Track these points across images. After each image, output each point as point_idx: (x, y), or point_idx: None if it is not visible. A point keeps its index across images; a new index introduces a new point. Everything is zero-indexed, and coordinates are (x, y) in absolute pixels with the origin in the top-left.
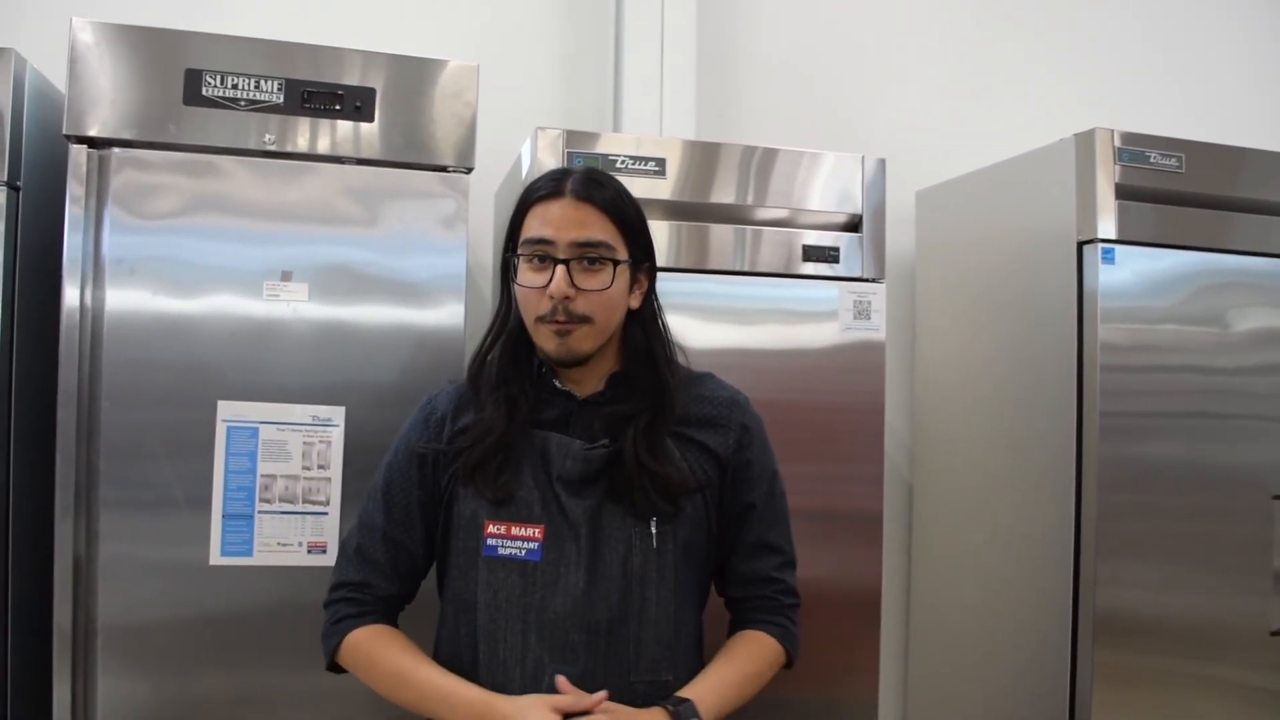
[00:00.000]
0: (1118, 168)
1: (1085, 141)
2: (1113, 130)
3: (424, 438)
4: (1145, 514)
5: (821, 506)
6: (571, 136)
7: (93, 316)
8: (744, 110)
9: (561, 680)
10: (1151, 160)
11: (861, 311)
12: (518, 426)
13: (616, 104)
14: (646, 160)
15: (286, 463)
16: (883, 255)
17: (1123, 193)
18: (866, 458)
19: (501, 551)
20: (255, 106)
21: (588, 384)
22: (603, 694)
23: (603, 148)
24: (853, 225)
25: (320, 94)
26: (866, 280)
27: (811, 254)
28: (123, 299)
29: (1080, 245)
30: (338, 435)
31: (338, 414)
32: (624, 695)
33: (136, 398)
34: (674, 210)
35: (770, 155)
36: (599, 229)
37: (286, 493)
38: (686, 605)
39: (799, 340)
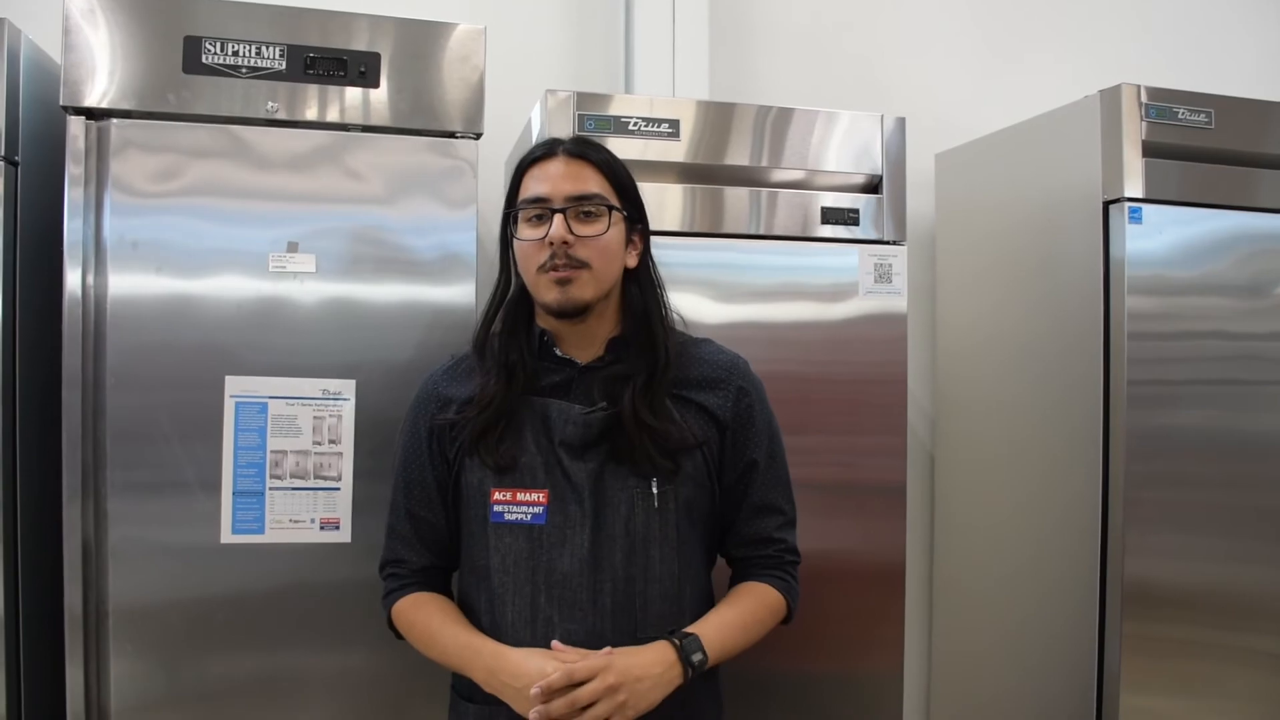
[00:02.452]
0: (1144, 124)
1: (1111, 98)
2: (1139, 86)
3: (427, 415)
4: (1174, 483)
5: (844, 479)
6: (582, 98)
7: (95, 294)
8: (758, 71)
9: (556, 644)
10: (1180, 116)
11: (883, 275)
12: (518, 395)
13: (628, 67)
14: (659, 122)
15: (297, 438)
16: (903, 217)
17: (1150, 150)
18: (889, 429)
19: (508, 517)
20: (257, 74)
21: (588, 350)
22: (607, 649)
23: (615, 109)
24: (872, 186)
25: (324, 60)
26: (887, 243)
27: (830, 216)
28: (125, 273)
29: (1106, 205)
30: (349, 409)
31: (348, 387)
32: (624, 642)
33: (142, 378)
34: (688, 173)
35: (786, 115)
36: (593, 183)
37: (297, 469)
38: (691, 563)
39: (819, 308)
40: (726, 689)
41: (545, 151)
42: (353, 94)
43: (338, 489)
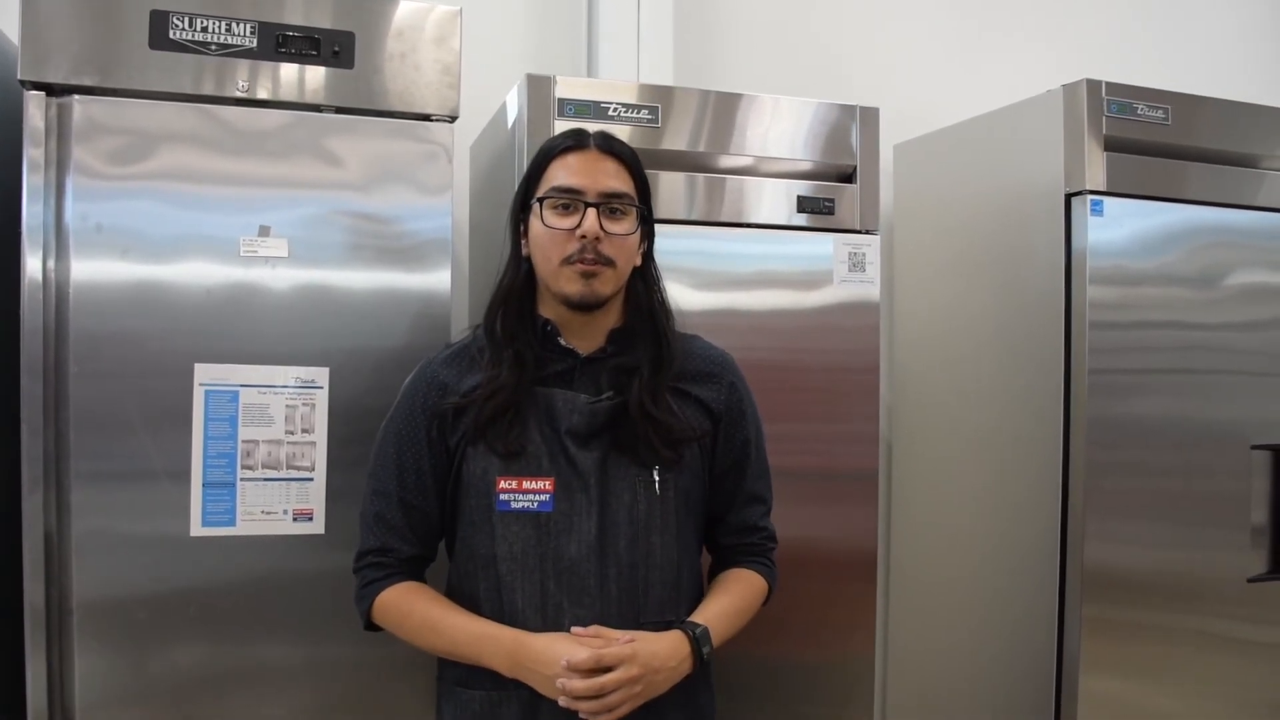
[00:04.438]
0: (1105, 119)
1: (1073, 93)
2: (1102, 81)
3: (427, 402)
4: (1132, 470)
5: (819, 466)
6: (563, 83)
7: (57, 279)
8: (719, 59)
9: (575, 629)
10: (1139, 112)
11: (856, 263)
12: (524, 384)
13: (590, 52)
14: (639, 108)
15: (269, 427)
16: (876, 206)
17: (1111, 144)
18: (862, 416)
19: (514, 505)
20: (227, 51)
21: (589, 341)
22: (630, 634)
23: (595, 94)
24: (846, 175)
25: (296, 38)
26: (861, 232)
27: (806, 205)
28: (89, 258)
29: (1069, 197)
30: (322, 397)
31: (322, 375)
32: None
33: (107, 365)
34: (668, 160)
35: (763, 103)
36: (622, 181)
37: (270, 459)
38: (688, 550)
39: (794, 296)
40: None
41: (576, 142)
42: (326, 74)
43: (311, 479)
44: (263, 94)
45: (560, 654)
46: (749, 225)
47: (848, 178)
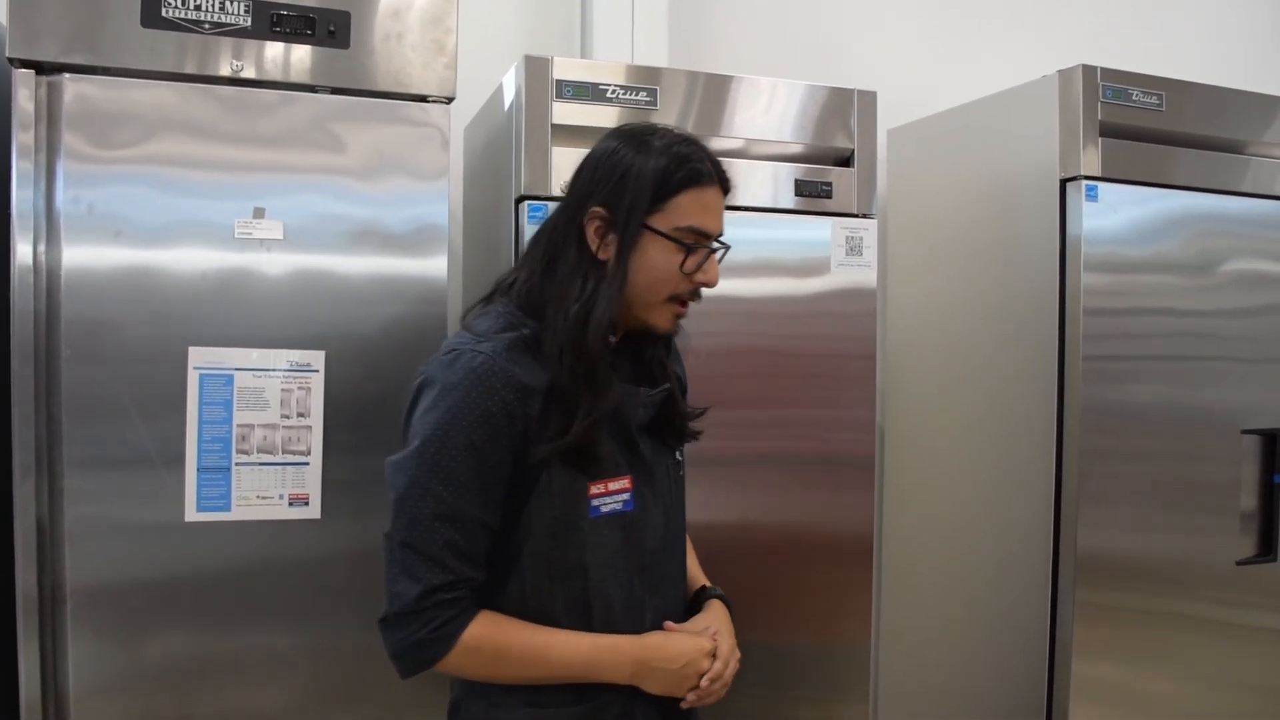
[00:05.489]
0: (1100, 105)
1: (1069, 78)
2: (1097, 67)
3: (507, 405)
4: (1125, 456)
5: (817, 451)
6: (560, 64)
7: (48, 263)
8: (714, 40)
9: (669, 624)
10: (1133, 98)
11: (854, 247)
12: None
13: (585, 31)
14: (637, 90)
15: (264, 411)
16: (873, 191)
17: (1106, 130)
18: (860, 402)
19: (604, 510)
20: (221, 30)
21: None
22: (703, 621)
23: (593, 76)
24: (843, 159)
25: (291, 17)
26: (858, 216)
27: (804, 189)
28: (80, 240)
29: (1064, 183)
30: (318, 381)
31: (318, 359)
32: (679, 609)
33: (100, 350)
34: None
35: (760, 86)
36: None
37: (265, 443)
38: None
39: (792, 282)
40: None
41: (708, 177)
42: (321, 54)
43: (307, 464)
44: (257, 74)
45: (690, 648)
46: (744, 208)
47: (845, 161)
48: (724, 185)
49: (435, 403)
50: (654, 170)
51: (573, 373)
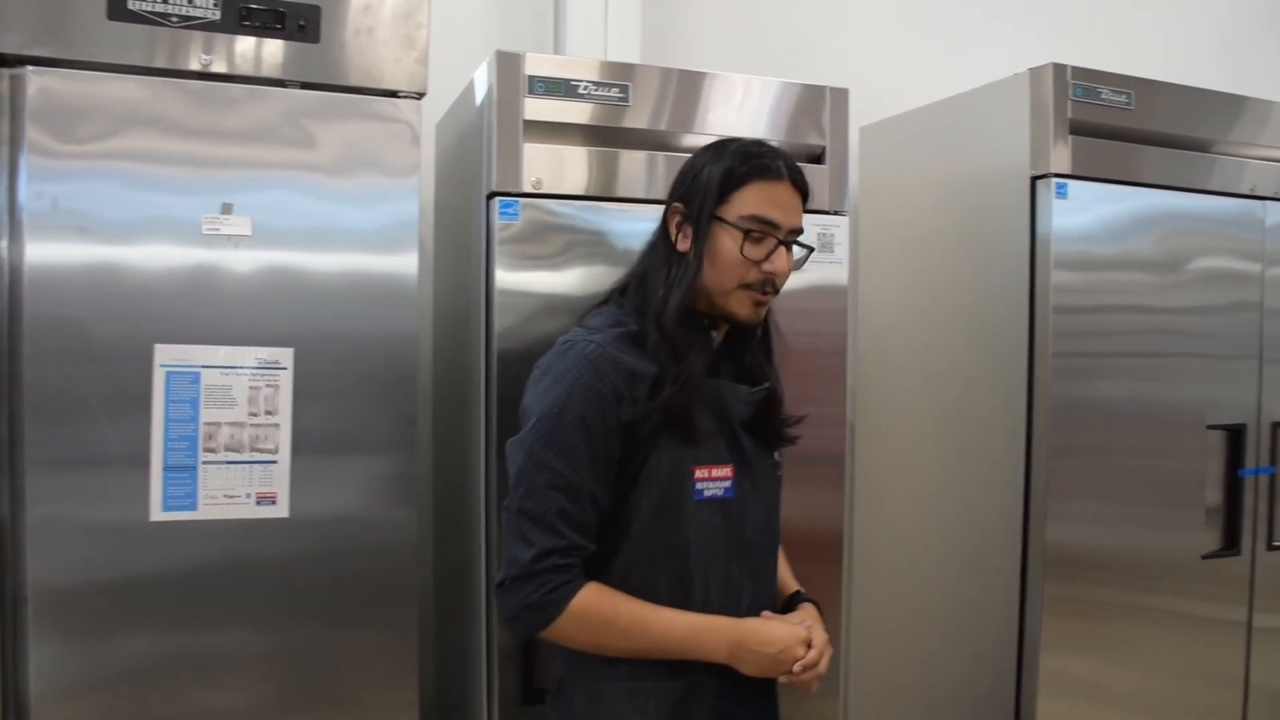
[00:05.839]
0: (1070, 103)
1: (1039, 76)
2: (1067, 66)
3: (616, 387)
4: (1093, 452)
5: (789, 449)
6: (532, 60)
7: (10, 260)
8: (687, 36)
9: (766, 613)
10: (1103, 97)
11: (825, 244)
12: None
13: (558, 27)
14: (610, 86)
15: (231, 409)
16: (845, 188)
17: (1075, 128)
18: (831, 399)
19: (706, 494)
20: (189, 23)
21: (719, 336)
22: (800, 616)
23: (565, 72)
24: (815, 156)
25: (260, 11)
26: (830, 213)
27: None
28: (44, 237)
29: (1034, 180)
30: (286, 379)
31: (286, 356)
32: (773, 602)
33: (64, 347)
34: (637, 139)
35: (733, 82)
36: (802, 216)
37: (232, 441)
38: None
39: None
40: None
41: (775, 172)
42: (291, 48)
43: (275, 462)
44: (225, 68)
45: (785, 635)
46: None
47: (817, 158)
48: (797, 183)
49: (551, 386)
50: (724, 167)
51: (659, 346)
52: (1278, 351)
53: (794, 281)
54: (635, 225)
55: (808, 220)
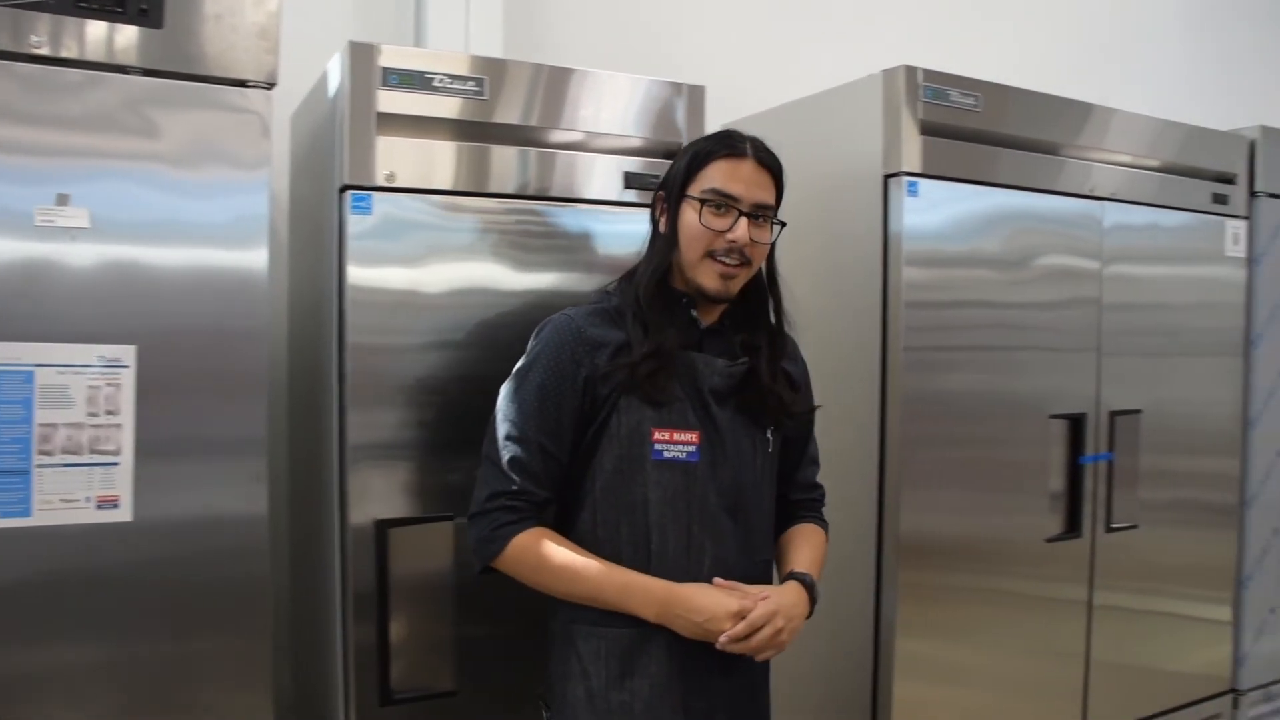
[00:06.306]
0: (921, 104)
1: (891, 78)
2: (918, 68)
3: (576, 354)
4: (943, 442)
5: None
6: (388, 52)
7: None
8: (550, 32)
9: (718, 580)
10: (951, 98)
11: None
12: (677, 346)
13: (418, 20)
14: (466, 79)
15: (69, 409)
16: None
17: (926, 129)
18: None
19: (666, 455)
20: (18, 3)
21: (708, 316)
22: (763, 589)
23: (421, 64)
24: (672, 153)
25: None
26: None
27: (634, 181)
28: None
29: (886, 179)
30: (129, 377)
31: (128, 354)
32: (751, 570)
33: None
34: (491, 133)
35: (593, 79)
36: (771, 193)
37: (70, 443)
38: (773, 498)
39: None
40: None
41: (736, 150)
42: (131, 32)
43: (117, 464)
44: (63, 52)
45: (714, 605)
46: (578, 200)
47: (673, 155)
48: (762, 161)
49: (527, 353)
50: (693, 150)
51: (634, 320)
52: (1115, 345)
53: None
54: (501, 221)
55: None
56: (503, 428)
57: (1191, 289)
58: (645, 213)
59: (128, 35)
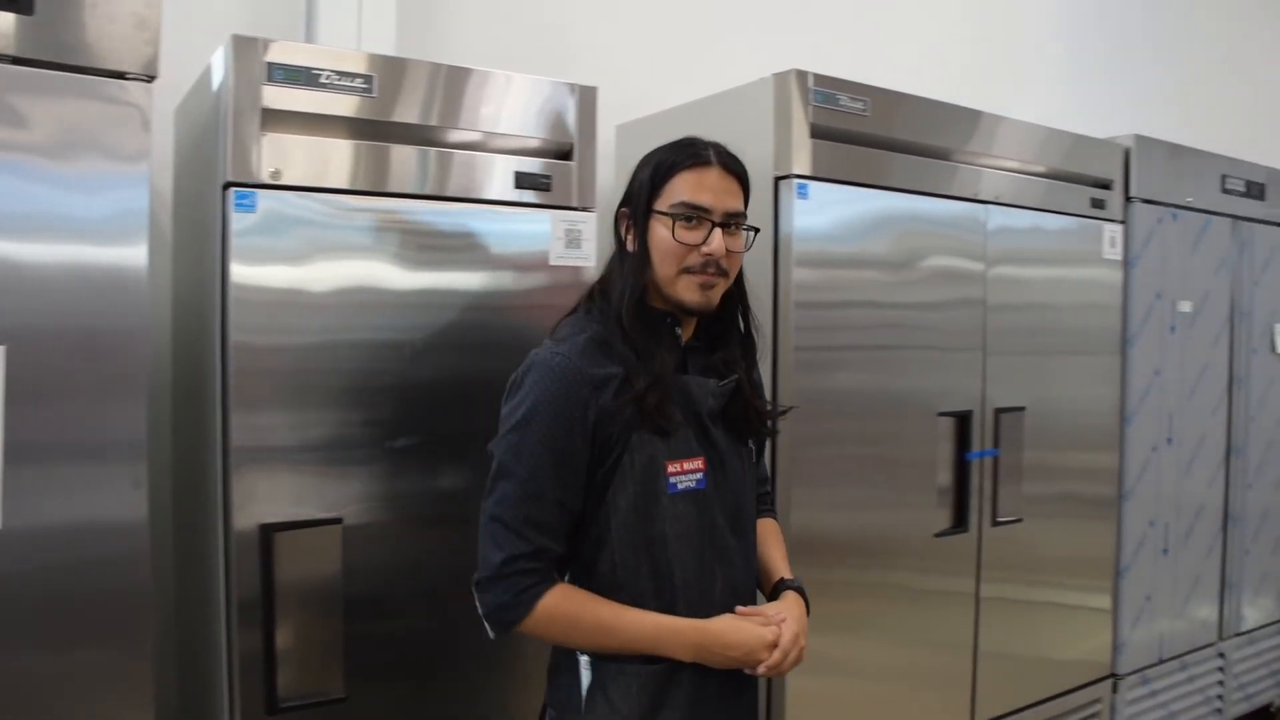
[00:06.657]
0: (811, 108)
1: (783, 81)
2: (809, 72)
3: (581, 396)
4: (834, 440)
5: None
6: (272, 47)
7: None
8: (446, 29)
9: (740, 609)
10: (841, 103)
11: (573, 240)
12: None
13: (310, 15)
14: (354, 76)
15: None
16: (593, 184)
17: (816, 132)
18: None
19: (680, 486)
20: None
21: (686, 331)
22: (778, 609)
23: (308, 61)
24: (564, 153)
25: None
26: (578, 209)
27: (524, 181)
28: None
29: (777, 180)
30: None
31: None
32: (749, 580)
33: None
34: (378, 131)
35: (482, 78)
36: (740, 199)
37: None
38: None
39: (511, 275)
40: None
41: (701, 159)
42: (2, 19)
43: None
44: None
45: (749, 638)
46: (468, 200)
47: (566, 155)
48: (729, 168)
49: (521, 399)
50: (654, 163)
51: (624, 348)
52: (999, 344)
53: (541, 278)
54: (391, 220)
55: (558, 216)
56: (511, 485)
57: (1071, 290)
58: (536, 213)
59: None
